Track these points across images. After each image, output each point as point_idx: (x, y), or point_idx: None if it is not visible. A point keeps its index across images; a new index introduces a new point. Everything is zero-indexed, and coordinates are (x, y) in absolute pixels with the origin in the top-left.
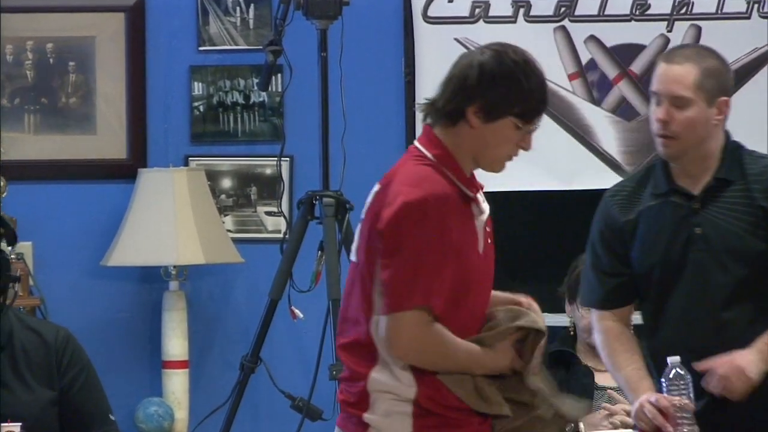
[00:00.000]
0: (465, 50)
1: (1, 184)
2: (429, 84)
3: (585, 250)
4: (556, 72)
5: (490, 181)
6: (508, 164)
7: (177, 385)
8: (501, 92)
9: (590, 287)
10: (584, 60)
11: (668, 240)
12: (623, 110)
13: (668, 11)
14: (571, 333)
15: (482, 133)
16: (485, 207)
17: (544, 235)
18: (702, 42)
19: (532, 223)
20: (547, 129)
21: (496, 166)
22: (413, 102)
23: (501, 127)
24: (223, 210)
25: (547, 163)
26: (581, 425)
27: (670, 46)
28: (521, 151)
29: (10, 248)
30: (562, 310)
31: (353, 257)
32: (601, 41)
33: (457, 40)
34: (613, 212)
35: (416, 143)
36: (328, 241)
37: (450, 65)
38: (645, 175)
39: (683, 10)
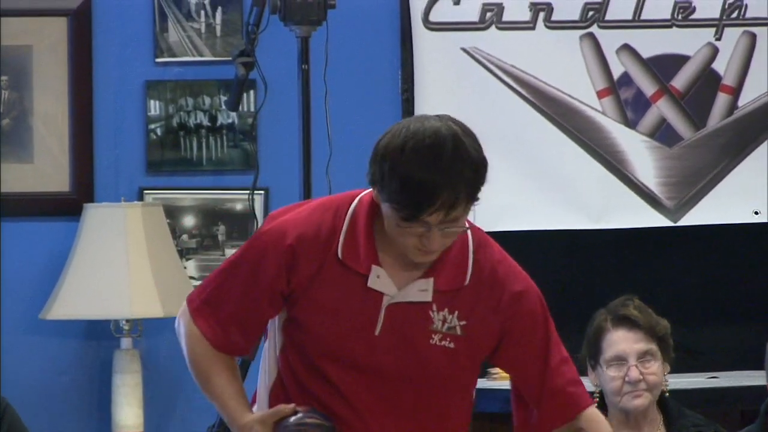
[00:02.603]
0: (474, 62)
1: None
2: (431, 102)
3: (614, 299)
4: (582, 88)
5: (508, 219)
6: (526, 199)
7: None
8: (374, 170)
9: None
10: (616, 74)
11: None
12: (663, 134)
13: (716, 15)
14: (596, 400)
15: (382, 209)
16: (415, 294)
17: (571, 281)
18: (756, 51)
19: (557, 266)
20: (572, 156)
21: (409, 254)
22: None
23: (387, 211)
24: (184, 253)
25: (573, 196)
26: None
27: (720, 57)
28: (545, 181)
29: None
30: (583, 374)
31: None
32: (636, 51)
33: (464, 50)
34: None
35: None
36: None
37: (456, 80)
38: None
39: (734, 15)
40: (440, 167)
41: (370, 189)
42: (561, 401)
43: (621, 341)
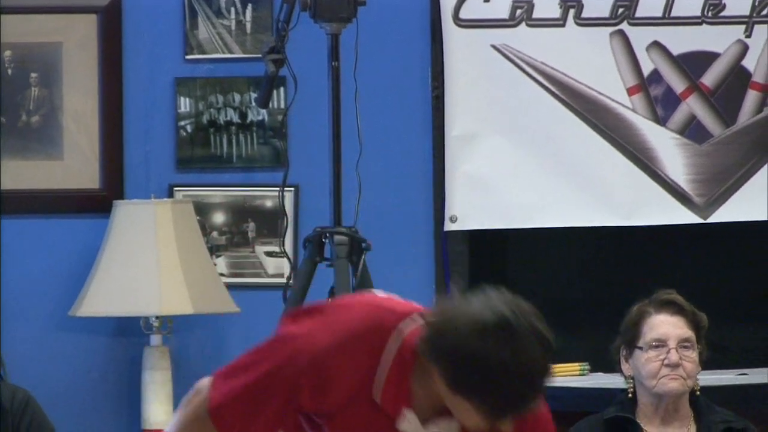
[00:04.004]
0: (504, 59)
1: None
2: (461, 100)
3: (646, 296)
4: (612, 85)
5: (537, 216)
6: (557, 196)
7: None
8: (456, 371)
9: None
10: (646, 71)
11: None
12: (693, 131)
13: (746, 12)
14: (630, 395)
15: (443, 392)
16: None
17: (600, 279)
18: None
19: (585, 264)
20: (602, 153)
21: (462, 423)
22: (442, 121)
23: (460, 404)
24: (214, 250)
25: (602, 194)
26: None
27: (750, 54)
28: (574, 179)
29: None
30: (612, 370)
31: None
32: (666, 48)
33: (494, 47)
34: None
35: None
36: (340, 287)
37: (486, 77)
38: None
39: (764, 12)
40: (536, 386)
41: (411, 316)
42: None
43: (664, 324)
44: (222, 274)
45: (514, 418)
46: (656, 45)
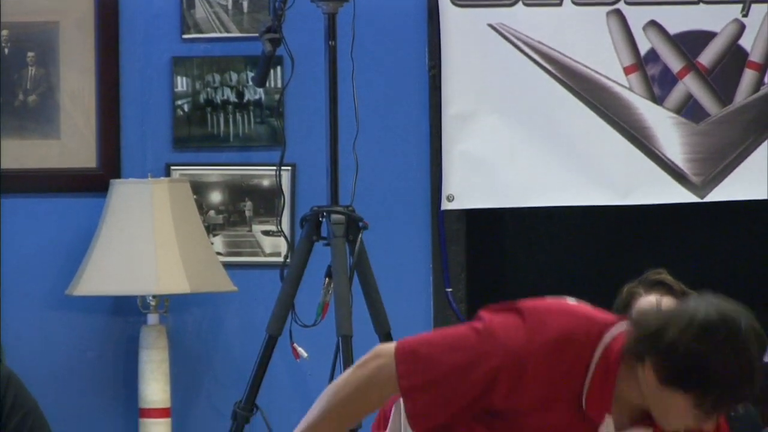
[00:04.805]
0: (500, 38)
1: None
2: (458, 79)
3: (641, 274)
4: (609, 64)
5: (534, 195)
6: (553, 175)
7: None
8: (678, 365)
9: None
10: (643, 50)
11: None
12: (690, 110)
13: None
14: None
15: (652, 390)
16: None
17: (596, 256)
18: None
19: (582, 242)
20: (598, 132)
21: (664, 425)
22: (439, 100)
23: (672, 399)
24: (211, 229)
25: (599, 172)
26: None
27: (746, 33)
28: (571, 158)
29: None
30: None
31: None
32: (663, 28)
33: (491, 26)
34: None
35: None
36: (337, 266)
37: (483, 56)
38: None
39: None
40: (754, 383)
41: (616, 325)
42: None
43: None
44: (219, 253)
45: (724, 414)
46: (653, 24)
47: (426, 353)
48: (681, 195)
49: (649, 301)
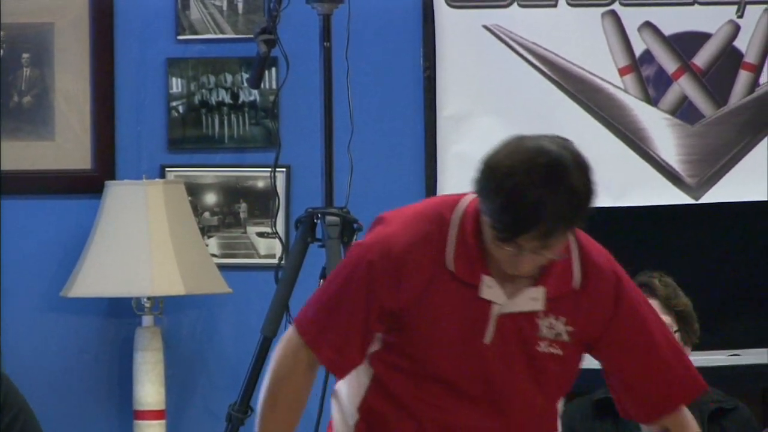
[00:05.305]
0: (495, 39)
1: None
2: (452, 80)
3: (636, 276)
4: (604, 66)
5: None
6: None
7: None
8: (480, 182)
9: None
10: (638, 51)
11: None
12: (684, 111)
13: None
14: None
15: (489, 237)
16: (525, 303)
17: None
18: None
19: None
20: (593, 133)
21: (501, 265)
22: (434, 101)
23: (485, 224)
24: (206, 231)
25: (594, 174)
26: None
27: (741, 35)
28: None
29: None
30: None
31: None
32: (658, 29)
33: (486, 27)
34: None
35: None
36: (331, 268)
37: (478, 57)
38: None
39: None
40: (545, 195)
41: (471, 194)
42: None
43: None
44: (214, 255)
45: (524, 237)
46: (648, 25)
47: (312, 301)
48: (676, 196)
49: None
